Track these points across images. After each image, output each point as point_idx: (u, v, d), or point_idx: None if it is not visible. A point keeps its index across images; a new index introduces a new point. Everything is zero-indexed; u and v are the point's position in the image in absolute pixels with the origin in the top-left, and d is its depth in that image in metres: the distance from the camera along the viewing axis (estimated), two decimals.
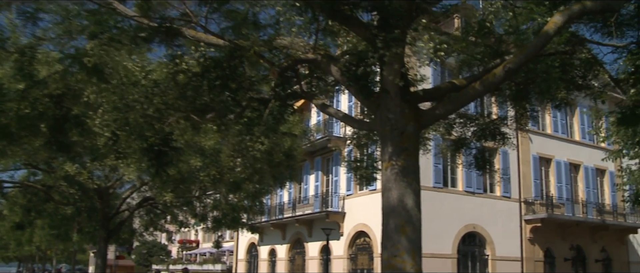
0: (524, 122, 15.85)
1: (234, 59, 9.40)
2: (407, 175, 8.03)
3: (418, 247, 7.89)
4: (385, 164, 8.23)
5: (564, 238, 33.10)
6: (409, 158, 8.12)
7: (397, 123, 8.22)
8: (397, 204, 7.93)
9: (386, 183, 8.11)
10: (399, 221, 7.87)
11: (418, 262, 7.82)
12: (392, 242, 7.84)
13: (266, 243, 38.98)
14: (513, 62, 8.51)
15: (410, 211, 7.91)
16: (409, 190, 7.98)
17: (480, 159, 15.91)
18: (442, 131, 14.79)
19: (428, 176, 28.84)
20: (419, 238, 7.96)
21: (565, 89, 13.14)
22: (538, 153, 33.74)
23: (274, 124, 9.59)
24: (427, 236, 27.69)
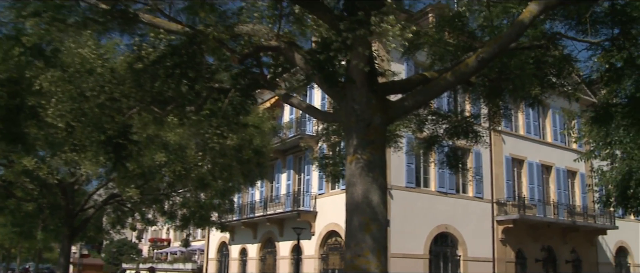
0: (497, 120, 15.47)
1: (192, 46, 8.78)
2: (372, 170, 7.48)
3: (383, 246, 7.35)
4: (349, 158, 7.68)
5: (536, 239, 32.95)
6: (375, 151, 7.58)
7: (363, 114, 7.68)
8: (362, 200, 7.38)
9: (350, 178, 7.56)
10: (363, 219, 7.32)
11: (383, 262, 7.27)
12: (356, 240, 7.29)
13: (237, 242, 38.26)
14: (486, 52, 8.01)
15: (375, 208, 7.36)
16: (374, 186, 7.43)
17: (453, 158, 15.49)
18: (413, 128, 14.31)
19: (400, 175, 28.44)
20: (385, 236, 7.41)
21: (539, 86, 12.74)
22: (511, 154, 33.53)
23: (234, 116, 8.97)
24: (399, 236, 27.49)
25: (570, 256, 34.51)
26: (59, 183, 21.29)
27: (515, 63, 12.52)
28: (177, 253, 48.17)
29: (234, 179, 23.76)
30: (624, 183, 17.46)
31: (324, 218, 30.56)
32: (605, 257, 37.28)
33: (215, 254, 41.40)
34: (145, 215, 26.53)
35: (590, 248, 36.14)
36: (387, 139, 14.67)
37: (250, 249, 36.91)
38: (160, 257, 50.60)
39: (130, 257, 51.61)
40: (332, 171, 14.99)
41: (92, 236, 30.75)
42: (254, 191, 36.92)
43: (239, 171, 23.31)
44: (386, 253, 7.44)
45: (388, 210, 27.33)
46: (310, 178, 32.06)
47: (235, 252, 38.51)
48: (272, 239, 34.88)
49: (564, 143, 36.85)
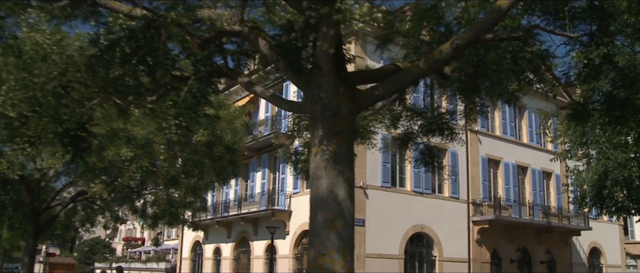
0: (474, 117, 15.04)
1: (150, 30, 8.16)
2: (339, 162, 6.92)
3: (350, 244, 6.79)
4: (314, 150, 7.11)
5: (511, 239, 32.69)
6: (342, 142, 7.02)
7: (330, 103, 7.12)
8: (327, 195, 6.81)
9: (315, 171, 6.99)
10: (328, 215, 6.75)
11: (350, 261, 6.71)
12: (320, 238, 6.72)
13: (211, 242, 37.48)
14: (462, 39, 7.49)
15: (341, 203, 6.80)
16: (340, 179, 6.87)
17: (428, 156, 15.01)
18: (387, 124, 13.80)
19: (376, 175, 27.96)
20: (351, 234, 6.85)
21: (517, 81, 12.30)
22: (487, 154, 33.23)
23: (195, 105, 8.33)
24: (374, 236, 26.96)
25: (545, 257, 34.37)
26: (21, 178, 20.40)
27: (492, 58, 12.10)
28: (150, 252, 47.20)
29: (206, 176, 23.12)
30: (600, 182, 17.12)
31: (298, 218, 29.95)
32: (579, 258, 37.20)
33: (189, 253, 40.56)
34: (114, 213, 25.68)
35: (564, 249, 36.03)
36: (360, 135, 14.19)
37: (224, 248, 36.17)
38: (133, 256, 49.59)
39: (103, 256, 50.45)
40: (303, 168, 14.43)
41: (59, 235, 29.75)
42: (229, 190, 36.21)
43: (211, 169, 22.68)
44: (353, 252, 6.88)
45: (363, 209, 26.84)
46: (285, 177, 31.44)
47: (209, 251, 37.74)
48: (246, 238, 34.18)
49: (539, 144, 36.72)
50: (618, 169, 16.56)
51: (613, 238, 40.11)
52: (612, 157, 16.72)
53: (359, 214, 26.79)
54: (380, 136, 15.03)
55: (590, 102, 13.02)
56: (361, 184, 27.21)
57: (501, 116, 34.66)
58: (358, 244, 26.41)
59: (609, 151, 16.93)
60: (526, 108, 35.88)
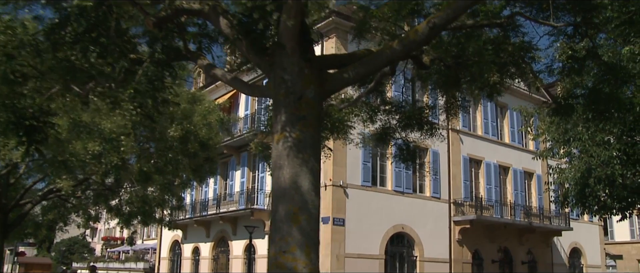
0: (454, 112, 14.42)
1: (102, 7, 7.41)
2: (303, 150, 6.22)
3: (314, 240, 6.09)
4: (276, 137, 6.41)
5: (492, 240, 32.18)
6: (307, 128, 6.32)
7: (294, 86, 6.42)
8: (289, 185, 6.11)
9: (277, 160, 6.29)
10: (290, 208, 6.05)
11: (314, 259, 6.01)
12: (281, 233, 6.02)
13: (190, 241, 36.59)
14: (439, 17, 6.83)
15: (305, 195, 6.10)
16: (304, 169, 6.17)
17: (406, 152, 14.36)
18: (363, 117, 13.11)
19: (356, 174, 27.30)
20: (317, 229, 6.15)
21: (498, 72, 11.69)
22: (468, 154, 32.70)
23: (150, 90, 7.59)
24: (354, 236, 26.24)
25: (526, 257, 33.92)
26: None
27: (473, 49, 11.51)
28: (129, 252, 46.16)
29: (181, 173, 22.33)
30: (583, 180, 16.56)
31: None
32: (560, 258, 36.82)
33: (167, 253, 39.61)
34: (87, 211, 24.75)
35: (545, 249, 35.62)
36: (337, 129, 13.49)
37: (203, 248, 35.31)
38: (112, 255, 48.45)
39: (82, 256, 49.26)
40: None
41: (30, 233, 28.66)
42: (208, 189, 35.37)
43: (188, 166, 21.91)
44: (317, 249, 6.17)
45: (343, 209, 26.15)
46: (264, 176, 30.66)
47: (188, 251, 36.84)
48: (225, 238, 33.36)
49: (521, 144, 36.30)
50: (601, 167, 16.01)
51: (593, 238, 39.82)
52: (595, 155, 16.17)
53: (339, 213, 26.16)
54: (357, 131, 14.31)
55: (573, 96, 12.45)
56: (341, 183, 26.56)
57: (483, 116, 34.18)
58: (338, 244, 25.74)
59: (592, 149, 16.37)
60: (508, 107, 35.41)
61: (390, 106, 13.69)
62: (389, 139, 13.87)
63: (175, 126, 17.48)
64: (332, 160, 26.46)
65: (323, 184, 26.63)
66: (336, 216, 26.20)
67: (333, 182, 26.34)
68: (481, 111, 34.17)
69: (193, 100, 19.17)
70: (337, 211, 26.23)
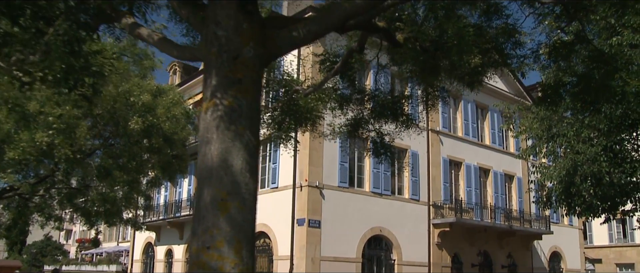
0: (433, 103, 13.12)
1: None
2: (236, 121, 4.86)
3: (248, 234, 4.71)
4: (205, 105, 5.04)
5: (472, 243, 30.94)
6: (243, 95, 4.96)
7: (229, 43, 5.06)
8: (218, 164, 4.74)
9: (204, 133, 4.92)
10: (217, 193, 4.68)
11: (246, 257, 4.63)
12: (205, 225, 4.64)
13: (163, 243, 34.95)
14: None
15: (236, 176, 4.73)
16: (237, 144, 4.81)
17: (380, 145, 13.04)
18: (332, 106, 11.78)
19: (333, 174, 25.95)
20: (251, 220, 4.77)
21: (480, 55, 10.43)
22: (448, 155, 31.47)
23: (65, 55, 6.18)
24: (331, 238, 24.78)
25: (506, 261, 32.71)
26: None
27: (453, 31, 10.25)
28: (102, 254, 44.36)
29: (147, 171, 20.87)
30: (569, 178, 15.32)
31: None
32: (540, 262, 35.71)
33: (140, 255, 37.89)
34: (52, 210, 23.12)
35: (525, 253, 34.46)
36: (304, 119, 12.13)
37: (176, 250, 33.71)
38: (85, 258, 46.58)
39: (54, 258, 47.34)
40: None
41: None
42: (181, 190, 33.82)
43: (156, 164, 20.50)
44: (252, 244, 4.79)
45: (319, 210, 24.77)
46: None
47: (161, 253, 35.20)
48: None
49: (502, 146, 35.21)
50: (587, 165, 14.80)
51: (573, 242, 38.81)
52: (581, 151, 14.96)
53: (314, 215, 24.78)
54: (327, 122, 12.97)
55: (561, 84, 11.22)
56: (317, 184, 25.19)
57: (463, 117, 33.00)
58: (314, 246, 24.37)
59: (578, 146, 15.17)
60: (489, 108, 34.31)
61: (362, 95, 12.40)
62: (361, 132, 12.56)
63: (137, 118, 16.02)
64: (308, 160, 25.12)
65: (299, 185, 25.26)
66: (312, 217, 24.82)
67: (309, 182, 24.97)
68: (461, 111, 33.01)
69: (157, 92, 17.72)
70: (312, 212, 24.85)
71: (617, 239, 48.20)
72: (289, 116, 11.70)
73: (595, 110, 11.31)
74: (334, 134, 12.56)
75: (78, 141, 14.36)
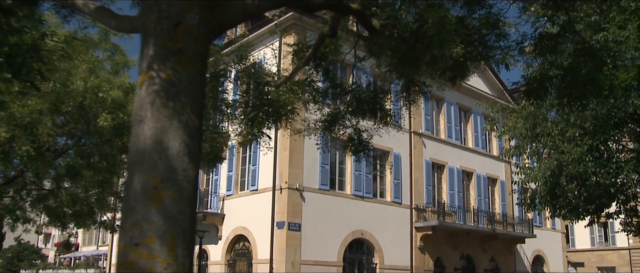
0: (412, 98, 12.42)
1: None
2: (175, 97, 4.10)
3: (185, 228, 3.93)
4: (140, 79, 4.28)
5: (455, 247, 30.29)
6: (184, 68, 4.20)
7: (170, 8, 4.31)
8: (151, 147, 3.98)
9: (138, 111, 4.15)
10: (149, 180, 3.91)
11: (182, 256, 3.85)
12: (134, 218, 3.87)
13: None
14: None
15: (172, 160, 3.96)
16: (175, 123, 4.05)
17: (358, 142, 12.31)
18: (307, 99, 11.03)
19: (314, 177, 25.18)
20: (189, 213, 4.00)
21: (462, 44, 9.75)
22: (431, 158, 30.82)
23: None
24: (311, 241, 23.94)
25: (489, 264, 32.09)
26: None
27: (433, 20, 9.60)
28: (81, 258, 43.14)
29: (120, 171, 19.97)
30: (554, 179, 14.67)
31: (231, 221, 26.94)
32: (523, 266, 35.15)
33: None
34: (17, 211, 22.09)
35: (508, 257, 33.87)
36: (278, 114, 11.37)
37: None
38: (63, 262, 45.33)
39: (32, 262, 45.99)
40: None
41: None
42: None
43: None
44: (190, 242, 4.01)
45: (299, 213, 24.00)
46: (218, 178, 28.38)
47: None
48: None
49: (485, 149, 34.66)
50: (573, 165, 14.16)
51: (556, 246, 38.33)
52: (566, 151, 14.33)
53: (295, 218, 24.01)
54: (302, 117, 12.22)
55: (547, 77, 10.55)
56: (297, 186, 24.42)
57: (446, 119, 32.40)
58: (293, 250, 23.59)
59: (563, 145, 14.54)
60: (472, 111, 33.75)
61: (338, 88, 11.68)
62: (338, 128, 11.81)
63: (106, 115, 15.16)
64: (288, 162, 24.36)
65: (279, 187, 24.47)
66: (292, 220, 24.04)
67: (289, 185, 24.20)
68: (444, 114, 32.42)
69: (130, 89, 16.87)
70: (292, 215, 24.07)
71: (599, 243, 47.97)
72: (261, 110, 10.94)
73: (581, 105, 10.66)
74: (308, 130, 11.80)
75: (41, 138, 13.45)
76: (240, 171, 27.39)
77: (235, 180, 27.23)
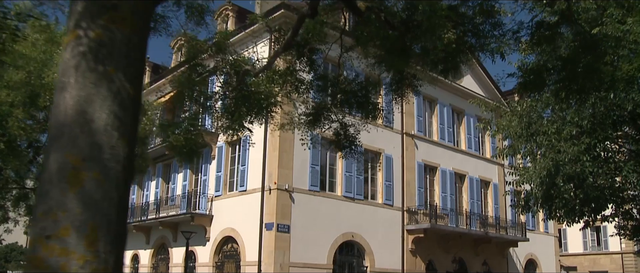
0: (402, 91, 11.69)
1: None
2: (105, 60, 3.34)
3: (111, 219, 3.15)
4: (65, 39, 3.52)
5: (447, 250, 29.54)
6: (118, 26, 3.44)
7: None
8: (72, 118, 3.22)
9: (61, 77, 3.40)
10: (68, 159, 3.15)
11: (105, 252, 3.08)
12: (48, 204, 3.10)
13: (129, 248, 33.01)
14: None
15: (98, 135, 3.20)
16: (102, 92, 3.27)
17: (344, 137, 11.56)
18: (289, 89, 10.26)
19: (303, 178, 24.42)
20: (117, 199, 3.20)
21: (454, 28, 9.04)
22: (423, 160, 30.09)
23: None
24: (301, 244, 23.09)
25: (481, 268, 31.36)
26: None
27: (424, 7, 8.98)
28: None
29: None
30: (550, 179, 13.92)
31: (220, 223, 26.12)
32: (516, 269, 34.44)
33: None
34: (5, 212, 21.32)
35: (501, 261, 33.15)
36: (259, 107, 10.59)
37: (142, 255, 31.84)
38: None
39: (19, 263, 44.89)
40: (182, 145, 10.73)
41: None
42: (149, 193, 32.03)
43: None
44: (120, 236, 3.24)
45: (289, 214, 23.23)
46: (207, 179, 27.56)
47: (127, 259, 33.27)
48: (165, 245, 30.03)
49: (478, 152, 33.96)
50: (569, 164, 13.43)
51: (548, 249, 37.64)
52: (563, 150, 13.59)
53: (284, 219, 23.23)
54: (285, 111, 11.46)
55: (545, 68, 9.82)
56: (287, 187, 23.65)
57: (439, 121, 31.69)
58: (282, 252, 22.80)
59: (559, 144, 13.81)
60: (465, 113, 33.06)
61: (324, 81, 10.93)
62: (324, 122, 11.06)
63: None
64: (277, 162, 23.59)
65: (268, 188, 23.68)
66: (281, 222, 23.26)
67: (278, 185, 23.42)
68: (437, 115, 31.71)
69: None
70: (281, 216, 23.29)
71: (592, 247, 47.39)
72: (242, 102, 10.16)
73: (580, 99, 9.94)
74: (291, 124, 11.03)
75: (11, 131, 12.62)
76: (229, 171, 26.60)
77: (224, 181, 26.43)
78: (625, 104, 12.97)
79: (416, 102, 29.42)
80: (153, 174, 31.64)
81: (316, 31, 8.83)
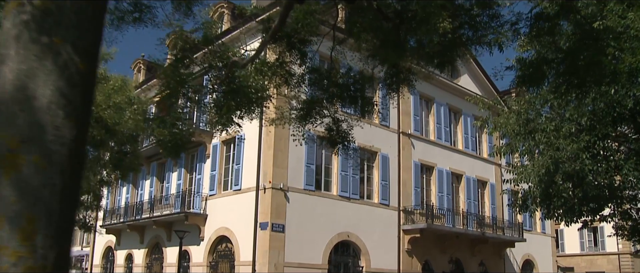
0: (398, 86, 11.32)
1: None
2: (50, 30, 2.91)
3: (52, 208, 2.72)
4: (7, 7, 3.10)
5: (443, 250, 29.14)
6: None
7: None
8: (11, 95, 2.79)
9: (0, 49, 2.98)
10: (5, 139, 2.74)
11: (44, 247, 2.65)
12: None
13: (123, 247, 32.58)
14: None
15: (39, 114, 2.77)
16: (47, 65, 2.85)
17: (336, 132, 11.15)
18: (279, 82, 9.85)
19: (299, 177, 24.00)
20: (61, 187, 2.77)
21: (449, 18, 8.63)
22: (420, 159, 29.70)
23: None
24: (296, 243, 22.60)
25: (478, 268, 30.96)
26: None
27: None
28: None
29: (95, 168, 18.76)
30: (549, 177, 13.51)
31: (214, 222, 25.68)
32: (513, 270, 34.06)
33: (100, 260, 35.42)
34: None
35: (498, 261, 32.77)
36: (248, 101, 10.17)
37: (136, 255, 31.37)
38: None
39: None
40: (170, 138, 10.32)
41: None
42: (143, 192, 31.58)
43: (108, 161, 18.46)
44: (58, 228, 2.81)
45: (283, 214, 22.80)
46: (202, 178, 27.14)
47: (121, 258, 32.80)
48: (159, 244, 29.57)
49: (475, 151, 33.57)
50: (569, 162, 13.02)
51: (546, 250, 37.25)
52: (562, 148, 13.19)
53: (278, 219, 22.81)
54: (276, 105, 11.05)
55: (544, 61, 9.41)
56: (281, 186, 23.22)
57: (436, 120, 31.30)
58: (277, 252, 22.38)
59: (558, 142, 13.40)
60: (462, 112, 32.66)
61: (317, 75, 10.52)
62: (315, 117, 10.66)
63: None
64: (272, 161, 23.17)
65: (262, 187, 23.25)
66: (275, 221, 22.84)
67: (273, 185, 23.00)
68: (434, 114, 31.32)
69: (99, 79, 15.65)
70: (276, 216, 22.88)
71: (588, 247, 47.07)
72: (230, 96, 9.74)
73: (581, 94, 9.53)
74: (282, 119, 10.61)
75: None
76: (224, 170, 26.17)
77: (219, 180, 26.00)
78: (625, 101, 12.58)
79: (413, 101, 29.03)
80: (147, 173, 31.21)
81: (306, 21, 8.41)
